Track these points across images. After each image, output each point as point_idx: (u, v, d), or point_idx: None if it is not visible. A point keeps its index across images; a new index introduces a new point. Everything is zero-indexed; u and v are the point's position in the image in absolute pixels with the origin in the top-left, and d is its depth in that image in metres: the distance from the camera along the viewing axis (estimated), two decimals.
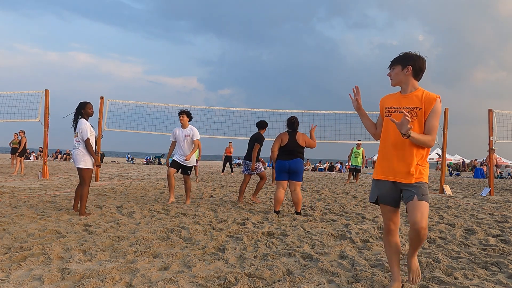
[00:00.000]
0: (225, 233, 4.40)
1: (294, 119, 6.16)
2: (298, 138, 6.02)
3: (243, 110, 12.50)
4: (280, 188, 6.00)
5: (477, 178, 23.42)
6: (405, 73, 2.68)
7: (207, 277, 2.87)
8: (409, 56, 2.69)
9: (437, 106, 2.59)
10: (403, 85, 2.73)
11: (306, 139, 6.10)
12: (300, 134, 6.11)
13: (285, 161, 5.95)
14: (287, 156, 5.95)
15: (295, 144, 5.98)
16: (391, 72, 2.77)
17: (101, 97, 11.64)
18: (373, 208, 7.08)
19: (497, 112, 11.14)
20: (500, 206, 8.05)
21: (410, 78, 2.69)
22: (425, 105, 2.60)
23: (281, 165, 5.96)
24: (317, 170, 31.44)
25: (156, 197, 7.73)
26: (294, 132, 6.09)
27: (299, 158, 6.00)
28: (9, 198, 6.83)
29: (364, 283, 2.81)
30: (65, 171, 16.00)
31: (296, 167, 5.93)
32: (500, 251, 3.86)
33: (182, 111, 6.92)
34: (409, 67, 2.66)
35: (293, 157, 5.93)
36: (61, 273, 2.84)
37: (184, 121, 6.88)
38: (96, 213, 5.50)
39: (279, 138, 6.04)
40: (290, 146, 5.96)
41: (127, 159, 35.92)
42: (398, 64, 2.71)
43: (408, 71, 2.67)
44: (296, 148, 5.98)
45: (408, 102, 2.66)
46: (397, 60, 2.74)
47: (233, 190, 9.85)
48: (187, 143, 6.83)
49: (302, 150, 6.07)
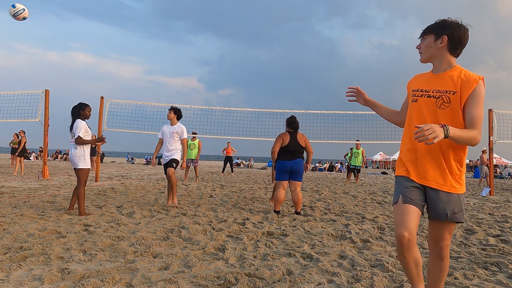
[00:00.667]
0: (225, 233, 4.40)
1: (294, 118, 6.13)
2: (299, 139, 6.00)
3: (243, 110, 12.50)
4: (280, 188, 5.98)
5: (477, 178, 23.42)
6: (438, 45, 2.10)
7: (207, 277, 2.87)
8: (447, 24, 2.10)
9: (479, 90, 2.00)
10: (435, 61, 2.15)
11: (306, 140, 6.10)
12: (300, 134, 6.09)
13: (286, 161, 5.92)
14: (288, 156, 5.92)
15: (297, 144, 5.96)
16: (421, 44, 2.19)
17: (101, 97, 11.63)
18: (373, 208, 7.08)
19: (497, 112, 11.14)
20: (500, 206, 8.05)
21: (445, 52, 2.11)
22: (462, 88, 2.02)
23: (282, 165, 5.93)
24: (317, 170, 31.44)
25: (156, 197, 7.73)
26: (295, 132, 6.06)
27: (300, 158, 5.99)
28: (9, 198, 6.82)
29: (364, 283, 2.81)
30: (65, 171, 16.00)
31: (297, 168, 5.91)
32: (500, 251, 3.86)
33: (170, 107, 6.81)
34: (444, 37, 2.07)
35: (294, 158, 5.92)
36: (61, 273, 2.84)
37: (171, 117, 6.71)
38: (96, 213, 5.50)
39: (280, 139, 6.00)
40: (292, 146, 5.93)
41: (127, 159, 35.92)
42: (431, 33, 2.13)
43: (443, 43, 2.09)
44: (297, 148, 5.96)
45: (439, 84, 2.10)
46: (430, 28, 2.15)
47: (233, 190, 9.85)
48: (174, 140, 6.59)
49: (303, 150, 6.06)
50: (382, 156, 44.56)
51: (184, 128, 6.75)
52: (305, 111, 12.32)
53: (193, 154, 13.02)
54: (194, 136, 13.01)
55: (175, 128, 6.66)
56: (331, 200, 8.19)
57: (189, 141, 13.05)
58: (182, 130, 6.67)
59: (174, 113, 6.73)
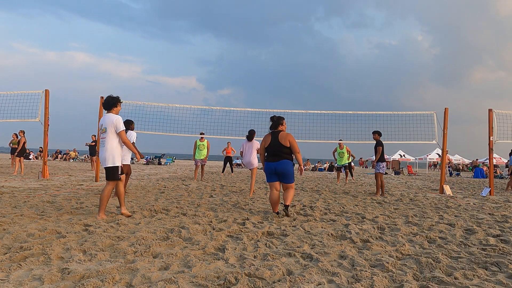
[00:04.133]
0: (225, 233, 4.40)
1: (273, 117, 5.91)
2: (282, 138, 5.71)
3: (243, 110, 12.49)
4: (273, 190, 5.84)
5: (477, 178, 23.42)
6: None
7: (207, 277, 2.87)
8: None
9: None
10: None
11: (291, 140, 5.75)
12: (284, 134, 5.79)
13: (270, 163, 5.76)
14: (272, 157, 5.75)
15: (277, 144, 5.71)
16: None
17: (101, 97, 11.62)
18: (373, 208, 7.08)
19: (497, 112, 11.15)
20: (500, 206, 8.05)
21: None
22: None
23: (268, 167, 5.80)
24: (317, 170, 31.43)
25: (156, 197, 7.72)
26: (277, 131, 5.82)
27: (286, 159, 5.71)
28: (9, 198, 6.82)
29: (364, 283, 2.81)
30: (65, 171, 15.99)
31: (282, 169, 5.69)
32: (500, 251, 3.86)
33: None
34: None
35: (278, 159, 5.70)
36: (61, 273, 2.84)
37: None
38: (96, 213, 5.50)
39: (263, 140, 5.91)
40: (273, 147, 5.73)
41: None
42: None
43: None
44: (279, 148, 5.69)
45: None
46: None
47: (233, 190, 9.85)
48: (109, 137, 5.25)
49: (288, 151, 5.73)
50: None
51: (118, 119, 5.31)
52: (304, 111, 12.31)
53: (202, 155, 13.32)
54: (202, 136, 13.13)
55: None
56: (331, 200, 8.19)
57: (198, 141, 13.24)
58: (116, 122, 5.32)
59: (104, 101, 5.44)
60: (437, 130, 11.48)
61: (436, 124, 11.50)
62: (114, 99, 5.34)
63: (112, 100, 5.32)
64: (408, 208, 7.25)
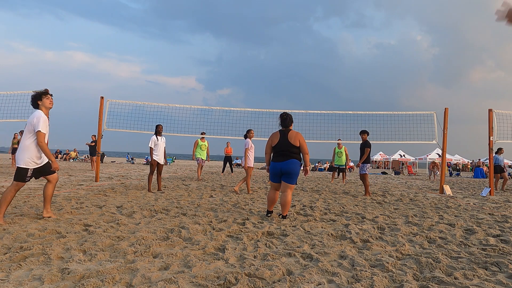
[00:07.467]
0: (225, 233, 4.40)
1: (285, 115, 5.65)
2: (292, 137, 5.49)
3: (242, 110, 12.49)
4: (272, 189, 5.70)
5: (477, 178, 23.42)
6: None
7: (207, 277, 2.87)
8: None
9: None
10: None
11: (301, 139, 5.55)
12: (294, 132, 5.57)
13: (277, 163, 5.50)
14: (279, 157, 5.49)
15: (287, 143, 5.46)
16: None
17: (101, 97, 11.63)
18: (373, 208, 7.08)
19: (497, 112, 11.15)
20: (500, 206, 8.05)
21: None
22: None
23: (273, 167, 5.55)
24: (317, 170, 31.42)
25: (156, 197, 7.72)
26: (287, 130, 5.59)
27: (293, 159, 5.47)
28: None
29: (364, 283, 2.81)
30: (65, 171, 15.98)
31: (288, 168, 5.44)
32: (500, 251, 3.86)
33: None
34: None
35: (286, 158, 5.45)
36: (61, 273, 2.84)
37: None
38: (96, 213, 5.50)
39: (270, 139, 5.64)
40: (282, 146, 5.47)
41: (127, 159, 35.92)
42: None
43: None
44: (288, 148, 5.45)
45: None
46: None
47: (233, 190, 9.84)
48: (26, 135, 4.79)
49: (297, 151, 5.51)
50: (382, 156, 44.58)
51: (40, 116, 4.75)
52: (304, 111, 12.31)
53: (204, 154, 13.77)
54: (203, 136, 13.19)
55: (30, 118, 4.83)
56: (331, 200, 8.19)
57: (199, 141, 13.49)
58: (35, 120, 4.76)
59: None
60: (437, 130, 11.49)
61: (436, 124, 11.52)
62: (35, 96, 4.86)
63: (34, 98, 4.86)
64: (408, 208, 7.25)
